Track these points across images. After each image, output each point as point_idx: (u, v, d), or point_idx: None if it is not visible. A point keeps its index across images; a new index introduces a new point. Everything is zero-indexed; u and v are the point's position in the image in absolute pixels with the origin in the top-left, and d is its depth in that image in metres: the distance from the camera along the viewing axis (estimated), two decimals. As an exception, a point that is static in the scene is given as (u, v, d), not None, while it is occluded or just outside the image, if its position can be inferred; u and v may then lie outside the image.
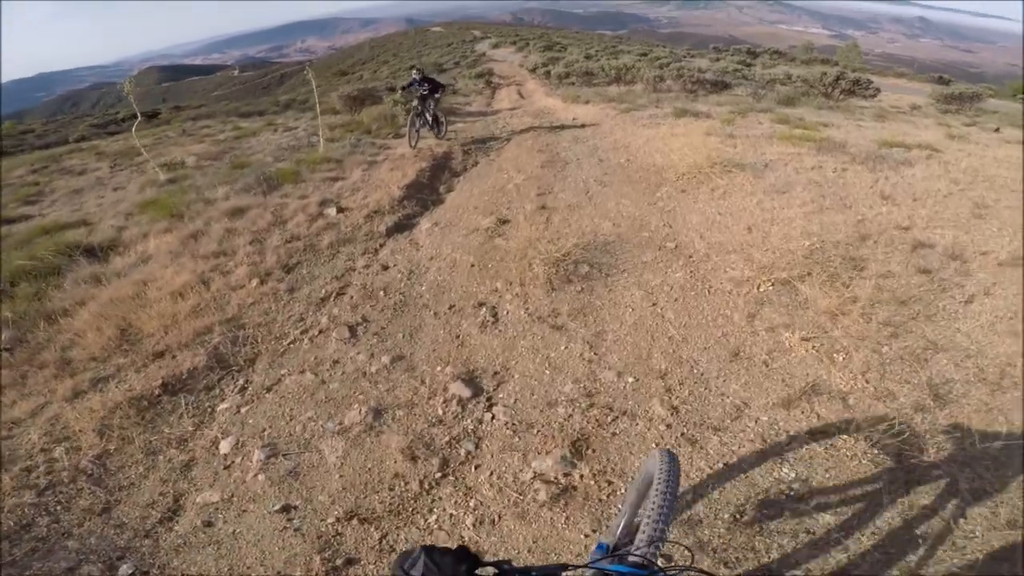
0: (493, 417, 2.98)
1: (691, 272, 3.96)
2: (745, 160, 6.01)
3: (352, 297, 4.27)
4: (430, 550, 0.86)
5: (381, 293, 4.26)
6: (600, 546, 1.42)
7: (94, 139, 14.46)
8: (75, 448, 3.02)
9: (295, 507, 2.54)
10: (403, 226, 5.68)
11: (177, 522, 2.55)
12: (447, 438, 2.86)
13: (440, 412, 3.05)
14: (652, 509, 1.22)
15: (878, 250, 4.04)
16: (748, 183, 5.28)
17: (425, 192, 6.66)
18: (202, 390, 3.54)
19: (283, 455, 2.87)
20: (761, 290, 3.65)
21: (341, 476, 2.69)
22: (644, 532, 1.17)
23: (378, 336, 3.78)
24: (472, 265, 4.42)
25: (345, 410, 3.15)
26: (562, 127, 9.48)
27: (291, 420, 3.15)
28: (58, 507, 2.67)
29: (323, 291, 4.44)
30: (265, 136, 11.94)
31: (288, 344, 3.85)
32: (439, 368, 3.40)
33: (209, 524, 2.52)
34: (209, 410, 3.35)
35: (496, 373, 3.31)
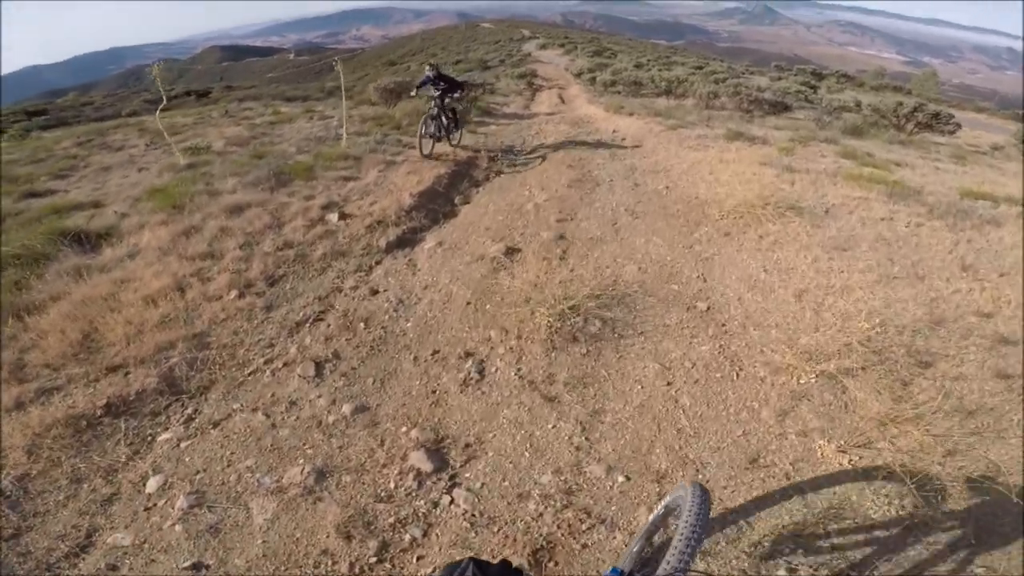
0: (452, 501, 2.51)
1: (720, 347, 3.32)
2: (803, 202, 5.26)
3: (330, 326, 3.83)
4: (478, 561, 1.00)
5: (361, 325, 3.80)
6: (615, 571, 1.37)
7: (144, 115, 14.75)
8: (-4, 468, 2.68)
9: (207, 567, 2.27)
10: (406, 241, 5.22)
11: (83, 559, 2.32)
12: (393, 519, 2.43)
13: (392, 485, 2.61)
14: (680, 540, 1.20)
15: (951, 343, 3.29)
16: (804, 233, 4.55)
17: (439, 202, 6.19)
18: (148, 415, 3.19)
19: (208, 506, 2.53)
20: (801, 382, 2.98)
21: (264, 542, 2.35)
22: (669, 562, 1.16)
23: (346, 378, 3.31)
24: (468, 303, 3.91)
25: (288, 465, 2.74)
26: (599, 140, 8.85)
27: (229, 466, 2.77)
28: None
29: (301, 313, 4.02)
30: (299, 124, 11.78)
31: (248, 374, 3.44)
32: (404, 429, 2.91)
33: (114, 568, 2.29)
34: (149, 439, 3.01)
35: (468, 446, 2.80)
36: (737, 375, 3.08)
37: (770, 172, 6.36)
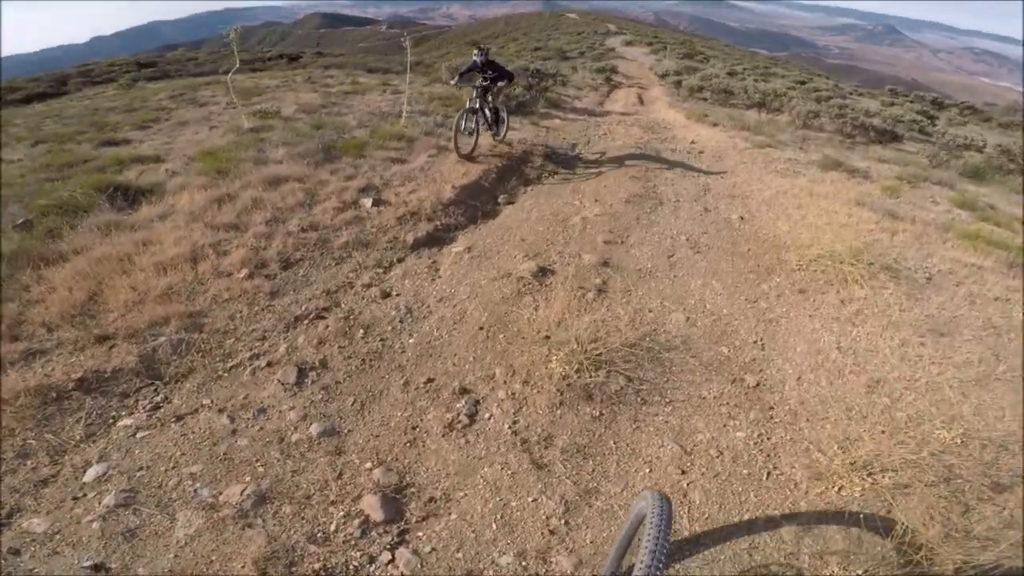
0: (391, 561, 2.16)
1: (759, 436, 2.67)
2: (902, 262, 4.37)
3: (328, 327, 3.51)
4: None
5: (360, 332, 3.46)
6: None
7: (237, 74, 15.36)
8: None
9: (108, 569, 2.10)
10: (435, 239, 4.84)
11: (-8, 538, 2.11)
12: (319, 565, 2.12)
13: (333, 527, 2.28)
14: (646, 553, 1.20)
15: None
16: (896, 306, 3.71)
17: (481, 199, 5.76)
18: (117, 395, 3.02)
19: (135, 508, 2.34)
20: (841, 493, 2.31)
21: (176, 557, 2.13)
22: (639, 570, 1.16)
23: (325, 393, 2.98)
24: (481, 328, 3.46)
25: (233, 480, 2.48)
26: (673, 151, 8.05)
27: (173, 468, 2.55)
28: None
29: (304, 307, 3.74)
30: (371, 96, 11.72)
31: (230, 368, 3.20)
32: (368, 465, 2.55)
33: (16, 553, 2.16)
34: (110, 422, 2.85)
35: (431, 500, 2.39)
36: (768, 475, 2.45)
37: (868, 216, 5.41)
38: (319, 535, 2.23)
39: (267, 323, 3.58)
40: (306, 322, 3.60)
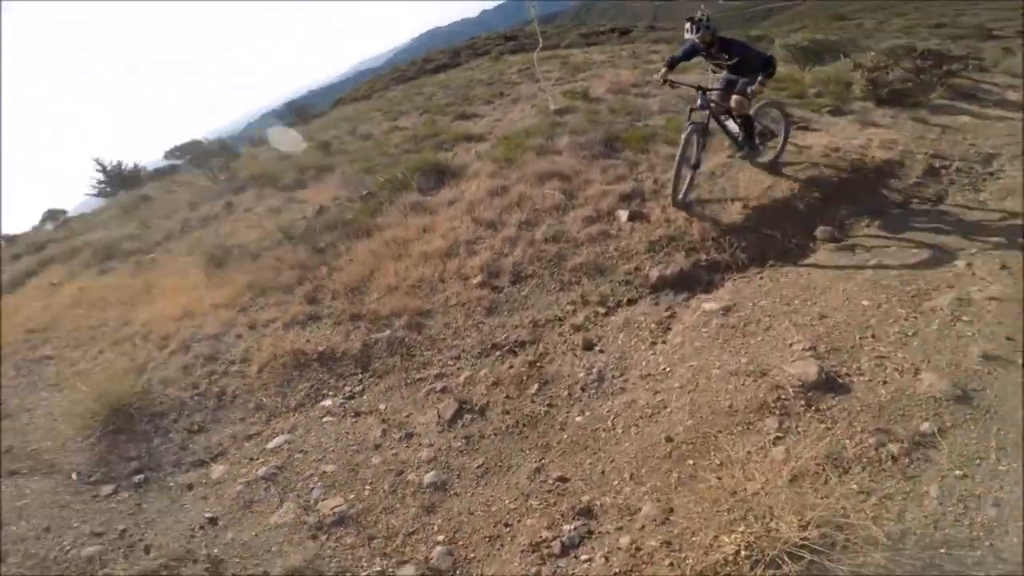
0: None
1: None
2: None
3: (511, 367, 3.50)
4: None
5: (534, 387, 3.36)
6: None
7: (574, 48, 16.80)
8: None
9: (216, 524, 2.85)
10: (688, 281, 4.07)
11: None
12: None
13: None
14: None
15: None
16: None
17: (785, 229, 4.48)
18: (335, 375, 3.83)
19: (268, 484, 3.04)
20: None
21: (256, 537, 2.77)
22: None
23: (464, 444, 3.09)
24: (668, 440, 2.72)
25: (338, 493, 2.92)
26: None
27: (317, 460, 3.16)
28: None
29: (505, 335, 3.84)
30: (692, 76, 10.70)
31: (417, 380, 3.66)
32: (440, 538, 2.59)
33: (189, 488, 3.16)
34: (317, 399, 3.73)
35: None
36: None
37: None
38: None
39: (469, 342, 3.83)
40: (498, 353, 3.68)
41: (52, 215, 13.28)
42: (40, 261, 7.68)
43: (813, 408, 2.71)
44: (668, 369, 3.23)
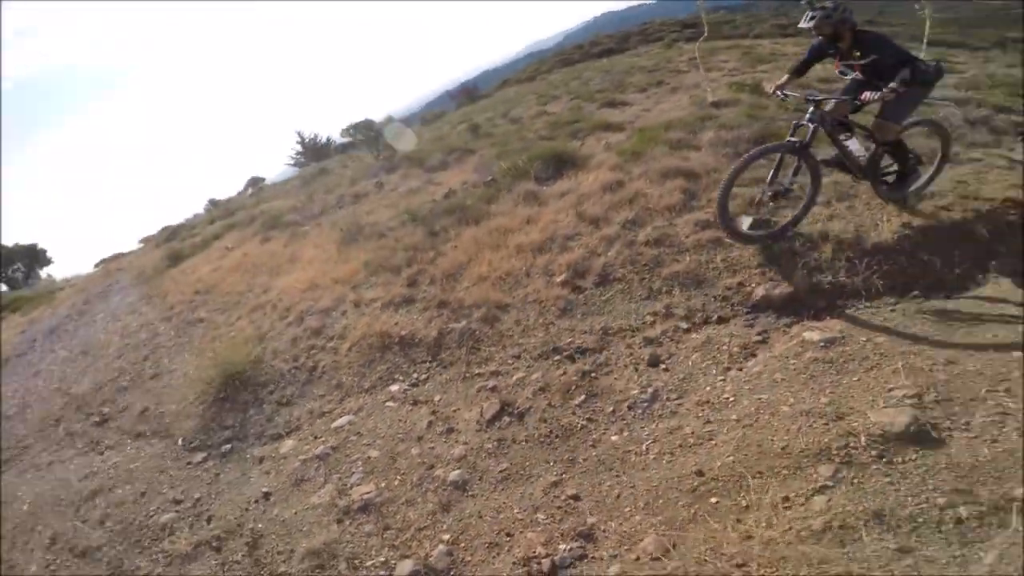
0: None
1: None
2: None
3: (564, 374, 3.43)
4: None
5: (580, 398, 3.31)
6: None
7: (764, 38, 15.20)
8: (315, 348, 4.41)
9: (269, 499, 3.31)
10: (797, 305, 3.57)
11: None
12: None
13: (368, 563, 2.69)
14: None
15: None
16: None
17: (946, 255, 3.64)
18: (408, 360, 4.18)
19: (320, 464, 3.42)
20: None
21: (295, 514, 3.12)
22: None
23: (496, 446, 3.19)
24: (699, 473, 2.51)
25: (372, 480, 3.17)
26: None
27: (367, 444, 3.47)
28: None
29: (569, 340, 3.80)
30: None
31: (475, 374, 3.81)
32: (446, 536, 2.70)
33: (260, 461, 3.72)
34: (387, 383, 4.09)
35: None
36: None
37: None
38: (355, 563, 2.67)
39: (533, 342, 3.89)
40: (557, 358, 3.67)
41: (254, 182, 16.12)
42: (226, 226, 9.59)
43: (884, 460, 2.23)
44: (732, 399, 2.90)
